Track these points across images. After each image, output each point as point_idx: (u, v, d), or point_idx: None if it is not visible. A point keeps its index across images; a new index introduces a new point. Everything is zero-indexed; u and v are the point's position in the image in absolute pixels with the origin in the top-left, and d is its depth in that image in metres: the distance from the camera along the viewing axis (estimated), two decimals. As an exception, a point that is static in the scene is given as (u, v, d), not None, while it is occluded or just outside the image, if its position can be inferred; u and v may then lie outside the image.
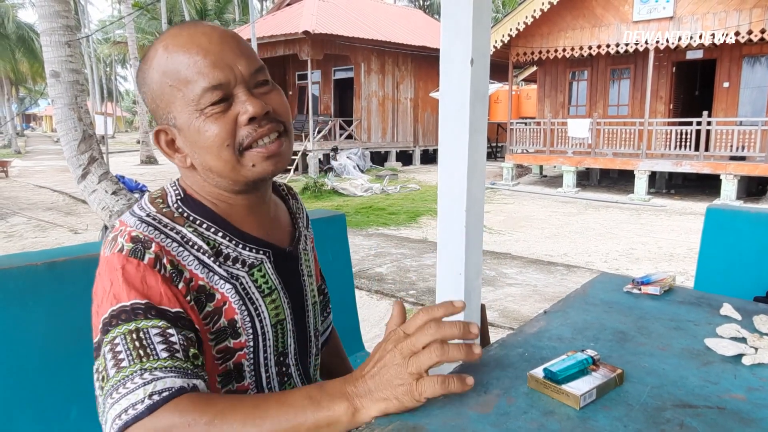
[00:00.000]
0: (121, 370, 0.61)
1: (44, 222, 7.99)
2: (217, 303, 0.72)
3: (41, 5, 4.68)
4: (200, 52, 0.70)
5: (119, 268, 0.66)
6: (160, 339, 0.64)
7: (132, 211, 0.74)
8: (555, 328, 0.91)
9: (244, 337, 0.74)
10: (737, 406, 0.66)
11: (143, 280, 0.66)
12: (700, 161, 10.06)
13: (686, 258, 5.67)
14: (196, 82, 0.69)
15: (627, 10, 10.84)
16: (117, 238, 0.69)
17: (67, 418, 0.96)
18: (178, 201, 0.76)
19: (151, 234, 0.69)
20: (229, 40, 0.72)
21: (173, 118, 0.73)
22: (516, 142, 12.91)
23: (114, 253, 0.68)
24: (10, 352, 0.93)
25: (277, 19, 16.75)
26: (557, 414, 0.63)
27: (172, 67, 0.70)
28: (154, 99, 0.73)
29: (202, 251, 0.72)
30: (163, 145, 0.75)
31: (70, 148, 4.80)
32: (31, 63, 26.10)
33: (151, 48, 0.74)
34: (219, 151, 0.71)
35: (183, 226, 0.73)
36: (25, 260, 0.96)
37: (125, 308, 0.64)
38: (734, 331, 0.89)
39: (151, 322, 0.64)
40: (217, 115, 0.70)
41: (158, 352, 0.63)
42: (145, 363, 0.62)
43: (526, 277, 4.89)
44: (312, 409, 0.61)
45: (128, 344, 0.62)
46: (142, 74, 0.74)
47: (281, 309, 0.80)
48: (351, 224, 7.38)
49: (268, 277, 0.78)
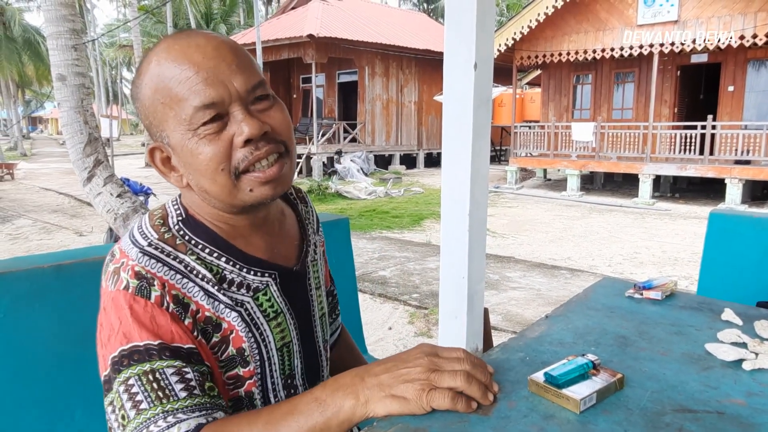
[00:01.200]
0: (141, 412, 0.62)
1: (50, 224, 8.04)
2: (224, 332, 0.71)
3: (48, 9, 4.72)
4: (192, 68, 0.66)
5: (127, 308, 0.65)
6: (177, 378, 0.64)
7: (133, 237, 0.71)
8: (556, 332, 0.91)
9: (252, 365, 0.73)
10: (737, 411, 0.66)
11: (153, 320, 0.65)
12: (704, 165, 10.03)
13: (690, 262, 5.65)
14: (188, 101, 0.65)
15: (631, 13, 10.84)
16: (120, 272, 0.67)
17: (72, 419, 0.97)
18: (179, 222, 0.73)
19: (153, 269, 0.67)
20: (224, 53, 0.68)
21: (166, 137, 0.69)
22: (520, 146, 12.90)
23: (119, 291, 0.66)
24: (16, 353, 0.94)
25: (281, 23, 16.82)
26: (557, 418, 0.64)
27: (163, 83, 0.66)
28: (147, 115, 0.70)
29: (206, 280, 0.70)
30: (158, 163, 0.72)
31: (76, 151, 4.84)
32: (37, 66, 26.30)
33: (143, 61, 0.70)
34: (214, 175, 0.68)
35: (185, 253, 0.70)
36: (32, 263, 0.97)
37: (138, 348, 0.64)
38: (735, 336, 0.90)
39: (166, 362, 0.64)
40: (211, 136, 0.66)
41: (177, 392, 0.63)
42: (166, 405, 0.62)
43: (529, 280, 4.89)
44: (319, 411, 0.61)
45: (145, 386, 0.62)
46: (136, 88, 0.71)
47: (287, 332, 0.78)
48: (355, 227, 7.39)
49: (274, 300, 0.76)
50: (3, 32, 25.18)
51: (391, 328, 3.75)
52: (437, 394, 0.62)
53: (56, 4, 4.69)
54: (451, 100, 2.19)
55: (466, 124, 2.06)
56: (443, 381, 0.62)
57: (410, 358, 0.64)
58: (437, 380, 0.62)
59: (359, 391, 0.61)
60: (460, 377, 0.63)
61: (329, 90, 17.34)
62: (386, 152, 16.67)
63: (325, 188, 10.86)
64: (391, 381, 0.62)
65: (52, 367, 0.97)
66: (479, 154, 2.09)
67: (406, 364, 0.63)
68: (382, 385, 0.61)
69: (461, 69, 2.07)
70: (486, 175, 2.13)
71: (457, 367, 0.64)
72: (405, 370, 0.62)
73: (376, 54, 15.98)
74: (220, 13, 31.59)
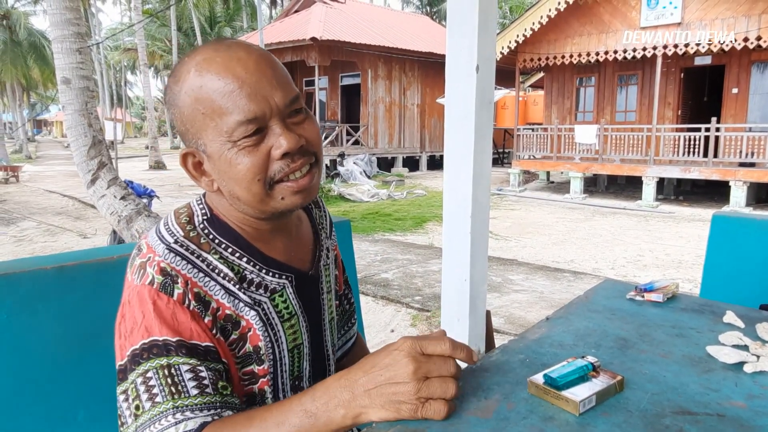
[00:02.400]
0: (156, 405, 0.64)
1: (54, 226, 8.08)
2: (243, 330, 0.73)
3: (53, 13, 4.75)
4: (236, 82, 0.67)
5: (150, 303, 0.67)
6: (190, 375, 0.66)
7: (160, 233, 0.73)
8: (557, 334, 0.91)
9: (267, 363, 0.75)
10: (737, 413, 0.66)
11: (174, 317, 0.67)
12: (708, 168, 10.00)
13: (694, 265, 5.63)
14: (231, 114, 0.67)
15: (634, 16, 10.83)
16: (146, 266, 0.69)
17: (75, 420, 0.98)
18: (204, 221, 0.75)
19: (178, 266, 0.69)
20: (265, 68, 0.69)
21: (203, 145, 0.71)
22: (523, 148, 12.89)
23: (144, 285, 0.68)
24: (19, 354, 0.94)
25: (285, 26, 16.89)
26: (556, 420, 0.64)
27: (205, 94, 0.68)
28: (184, 122, 0.71)
29: (227, 279, 0.72)
30: (190, 167, 0.74)
31: (80, 154, 4.86)
32: (42, 69, 26.45)
33: (181, 67, 0.71)
34: (249, 185, 0.70)
35: (209, 252, 0.72)
36: (35, 264, 0.98)
37: (157, 342, 0.66)
38: (736, 339, 0.89)
39: (182, 359, 0.66)
40: (249, 148, 0.69)
41: (189, 389, 0.65)
42: (177, 400, 0.64)
43: (532, 283, 4.88)
44: (310, 423, 0.62)
45: (161, 379, 0.65)
46: (172, 94, 0.72)
47: (299, 334, 0.79)
48: (357, 230, 7.39)
49: (289, 302, 0.78)
50: (9, 36, 25.36)
51: (393, 330, 3.75)
52: (433, 408, 0.61)
53: (61, 8, 4.73)
54: (454, 102, 2.19)
55: (468, 126, 2.06)
56: (434, 393, 0.61)
57: (397, 369, 0.61)
58: (428, 393, 0.61)
59: (350, 406, 0.61)
60: (451, 386, 0.62)
61: (332, 93, 17.38)
62: (389, 155, 16.68)
63: (327, 191, 10.88)
64: (382, 399, 0.61)
65: (55, 368, 0.98)
66: (481, 155, 2.09)
67: (395, 381, 0.61)
68: (373, 401, 0.61)
69: (463, 71, 2.07)
70: (488, 177, 2.13)
71: (444, 370, 0.62)
72: (395, 389, 0.61)
73: (379, 57, 16.01)
74: (223, 16, 31.72)
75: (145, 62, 21.33)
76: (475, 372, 0.76)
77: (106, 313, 1.04)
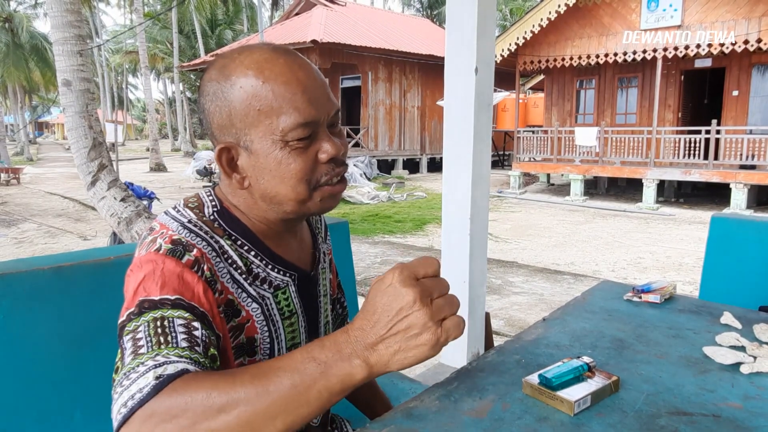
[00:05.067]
0: (138, 356, 0.57)
1: (54, 228, 8.08)
2: (241, 320, 0.72)
3: (54, 15, 4.77)
4: (300, 86, 0.70)
5: (153, 266, 0.65)
6: (183, 330, 0.61)
7: (170, 214, 0.73)
8: (553, 335, 0.91)
9: (260, 356, 0.74)
10: (733, 414, 0.66)
11: (180, 277, 0.64)
12: (709, 170, 9.99)
13: (695, 267, 5.62)
14: (290, 116, 0.69)
15: (634, 18, 10.84)
16: (156, 239, 0.68)
17: (71, 420, 0.98)
18: (214, 213, 0.75)
19: (193, 240, 0.69)
20: (320, 78, 0.73)
21: (249, 141, 0.71)
22: (523, 151, 12.89)
23: (150, 252, 0.66)
24: (16, 355, 0.95)
25: (285, 28, 16.92)
26: (551, 420, 0.64)
27: (265, 92, 0.69)
28: (231, 116, 0.71)
29: (235, 266, 0.72)
30: (224, 162, 0.74)
31: (81, 156, 4.87)
32: (44, 72, 26.50)
33: (233, 63, 0.71)
34: (296, 185, 0.71)
35: (221, 237, 0.73)
36: (32, 265, 0.98)
37: (153, 300, 0.62)
38: (733, 340, 0.89)
39: (177, 312, 0.62)
40: (300, 150, 0.71)
41: (179, 342, 0.59)
42: (163, 349, 0.58)
43: (532, 285, 4.87)
44: (319, 371, 0.53)
45: (150, 331, 0.59)
46: (218, 87, 0.71)
47: (297, 333, 0.80)
48: (357, 232, 7.39)
49: (291, 300, 0.79)
50: (11, 39, 25.41)
51: (393, 332, 3.74)
52: (450, 325, 0.55)
53: (62, 11, 4.74)
54: (453, 104, 2.19)
55: (467, 128, 2.05)
56: (445, 309, 0.56)
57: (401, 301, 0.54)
58: (441, 312, 0.55)
59: (365, 355, 0.54)
60: (455, 299, 0.57)
61: (333, 95, 17.36)
62: (389, 157, 16.69)
63: (328, 193, 10.87)
64: (397, 340, 0.54)
65: (52, 368, 0.98)
66: (480, 157, 2.09)
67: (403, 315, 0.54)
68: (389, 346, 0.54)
69: (462, 73, 2.07)
70: (487, 179, 2.12)
71: (442, 287, 0.57)
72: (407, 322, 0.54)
73: (380, 59, 16.03)
74: (224, 19, 31.79)
75: (146, 64, 21.37)
76: (470, 372, 0.76)
77: (103, 314, 1.05)
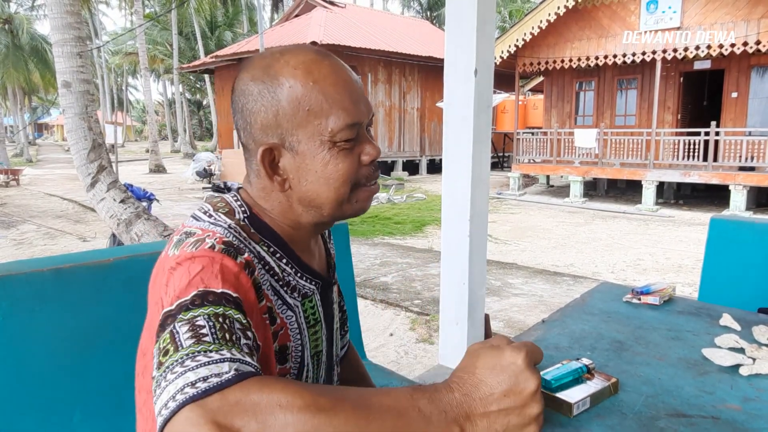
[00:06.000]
0: (202, 343, 0.51)
1: (54, 230, 8.08)
2: (276, 327, 0.71)
3: (54, 17, 4.77)
4: (347, 88, 0.71)
5: (210, 261, 0.60)
6: (242, 335, 0.55)
7: (206, 220, 0.69)
8: (552, 336, 0.91)
9: (290, 363, 0.73)
10: (732, 416, 0.66)
11: (237, 277, 0.61)
12: (708, 171, 10.00)
13: (694, 269, 5.62)
14: (339, 117, 0.69)
15: (633, 20, 10.86)
16: (205, 239, 0.63)
17: (71, 421, 0.98)
18: (245, 219, 0.72)
19: (240, 245, 0.66)
20: (358, 80, 0.75)
21: (296, 141, 0.70)
22: (523, 152, 12.90)
23: (204, 248, 0.61)
24: (15, 356, 0.94)
25: (285, 30, 16.93)
26: (550, 422, 0.64)
27: (314, 93, 0.69)
28: (278, 116, 0.70)
29: (272, 273, 0.71)
30: (266, 164, 0.72)
31: (80, 157, 4.87)
32: (43, 73, 26.51)
33: (278, 63, 0.71)
34: (340, 186, 0.72)
35: (257, 244, 0.71)
36: (32, 266, 0.98)
37: (215, 292, 0.57)
38: (733, 342, 0.89)
39: (237, 314, 0.57)
40: (346, 152, 0.71)
41: (242, 345, 0.54)
42: (231, 347, 0.52)
43: (532, 287, 4.87)
44: (420, 425, 0.48)
45: (215, 324, 0.54)
46: (263, 87, 0.70)
47: (320, 341, 0.80)
48: (357, 233, 7.39)
49: (317, 308, 0.79)
50: (11, 40, 25.42)
51: (392, 334, 3.74)
52: (542, 424, 0.53)
53: (62, 12, 4.75)
54: (452, 106, 2.19)
55: (467, 129, 2.06)
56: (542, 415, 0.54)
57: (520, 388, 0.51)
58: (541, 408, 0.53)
59: (467, 427, 0.49)
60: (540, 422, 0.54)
61: (332, 97, 17.36)
62: (389, 158, 16.70)
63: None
64: (506, 425, 0.50)
65: (51, 370, 0.98)
66: (480, 158, 2.09)
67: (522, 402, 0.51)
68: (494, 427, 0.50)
69: (462, 75, 2.07)
70: (487, 180, 2.12)
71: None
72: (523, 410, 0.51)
73: (379, 61, 16.05)
74: (224, 21, 31.82)
75: (146, 66, 21.39)
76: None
77: (103, 315, 1.05)
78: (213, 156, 15.42)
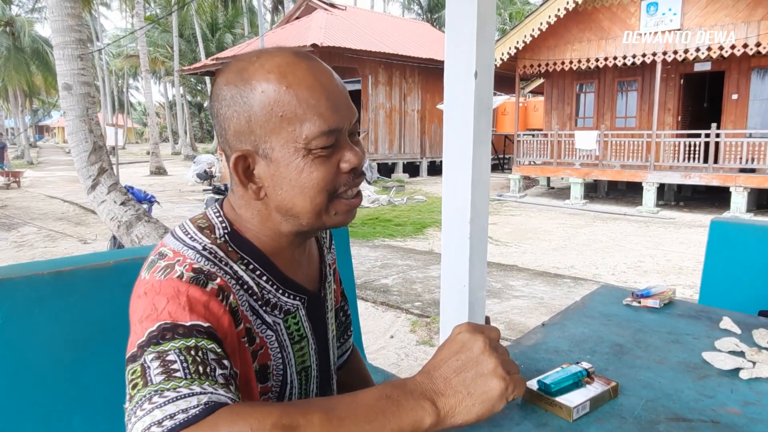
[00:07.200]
0: (173, 379, 0.53)
1: (54, 232, 8.08)
2: (255, 347, 0.70)
3: (55, 20, 4.78)
4: (324, 93, 0.67)
5: (176, 291, 0.60)
6: (216, 365, 0.56)
7: (182, 240, 0.68)
8: (552, 340, 0.91)
9: (272, 382, 0.72)
10: (732, 420, 0.66)
11: (206, 306, 0.60)
12: (709, 173, 10.00)
13: (695, 271, 5.62)
14: (314, 123, 0.66)
15: (634, 22, 10.87)
16: (174, 266, 0.63)
17: (70, 424, 0.97)
18: (225, 235, 0.71)
19: (213, 269, 0.64)
20: (342, 85, 0.71)
21: (269, 149, 0.67)
22: (523, 154, 12.91)
23: (172, 279, 0.61)
24: (15, 359, 0.94)
25: (286, 32, 16.96)
26: (550, 426, 0.64)
27: (287, 98, 0.66)
28: (251, 122, 0.67)
29: (251, 293, 0.69)
30: (240, 171, 0.69)
31: (81, 159, 4.87)
32: (44, 75, 26.57)
33: (252, 67, 0.68)
34: (315, 195, 0.68)
35: (236, 263, 0.69)
36: (31, 269, 0.98)
37: (184, 325, 0.57)
38: (733, 345, 0.89)
39: (211, 344, 0.57)
40: (322, 159, 0.67)
41: (216, 376, 0.55)
42: (203, 381, 0.53)
43: (532, 289, 4.87)
44: (393, 410, 0.52)
45: (186, 358, 0.55)
46: (236, 91, 0.68)
47: (307, 356, 0.78)
48: (357, 235, 7.39)
49: (301, 324, 0.77)
50: (12, 42, 25.49)
51: (392, 336, 3.74)
52: (518, 382, 0.57)
53: (63, 15, 4.76)
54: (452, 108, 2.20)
55: (467, 132, 2.06)
56: (512, 367, 0.57)
57: (471, 348, 0.56)
58: (508, 366, 0.57)
59: (437, 399, 0.55)
60: (515, 363, 0.58)
61: (333, 99, 17.37)
62: (389, 160, 16.70)
63: (328, 196, 10.86)
64: (465, 386, 0.55)
65: (51, 373, 0.98)
66: (480, 161, 2.10)
67: (472, 359, 0.56)
68: (457, 392, 0.55)
69: (462, 77, 2.08)
70: (487, 183, 2.13)
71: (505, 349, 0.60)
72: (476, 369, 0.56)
73: (380, 63, 16.07)
74: (224, 23, 31.87)
75: (147, 68, 21.43)
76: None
77: (103, 318, 1.05)
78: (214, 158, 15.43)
